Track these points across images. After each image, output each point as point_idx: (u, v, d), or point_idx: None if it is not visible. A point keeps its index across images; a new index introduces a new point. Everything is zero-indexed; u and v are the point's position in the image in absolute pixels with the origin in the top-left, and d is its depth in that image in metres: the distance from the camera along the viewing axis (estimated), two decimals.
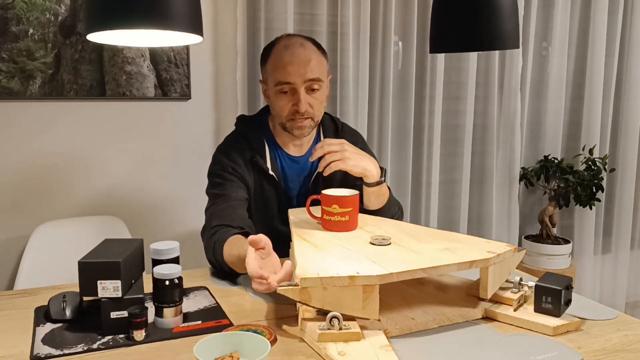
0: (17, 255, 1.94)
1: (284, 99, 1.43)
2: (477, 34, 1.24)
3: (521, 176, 2.73)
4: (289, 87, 1.42)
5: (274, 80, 1.43)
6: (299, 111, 1.42)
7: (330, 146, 1.34)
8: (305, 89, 1.42)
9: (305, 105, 1.42)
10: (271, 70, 1.45)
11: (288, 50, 1.42)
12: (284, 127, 1.47)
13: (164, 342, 0.98)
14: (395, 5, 2.31)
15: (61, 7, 1.89)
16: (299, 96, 1.41)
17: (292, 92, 1.43)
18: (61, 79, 1.92)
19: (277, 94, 1.44)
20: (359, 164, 1.35)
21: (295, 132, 1.46)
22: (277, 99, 1.44)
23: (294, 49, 1.42)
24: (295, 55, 1.41)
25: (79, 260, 1.00)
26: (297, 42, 1.44)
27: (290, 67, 1.40)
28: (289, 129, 1.47)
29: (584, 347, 0.97)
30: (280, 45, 1.45)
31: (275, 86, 1.43)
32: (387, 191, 1.45)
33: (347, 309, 0.96)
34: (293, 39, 1.45)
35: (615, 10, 2.75)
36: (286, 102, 1.43)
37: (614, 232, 3.00)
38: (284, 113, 1.45)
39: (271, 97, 1.47)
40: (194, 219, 2.15)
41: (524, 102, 2.68)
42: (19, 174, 1.94)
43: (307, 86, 1.42)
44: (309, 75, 1.41)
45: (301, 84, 1.41)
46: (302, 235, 1.20)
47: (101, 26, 0.91)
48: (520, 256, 1.16)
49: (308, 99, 1.43)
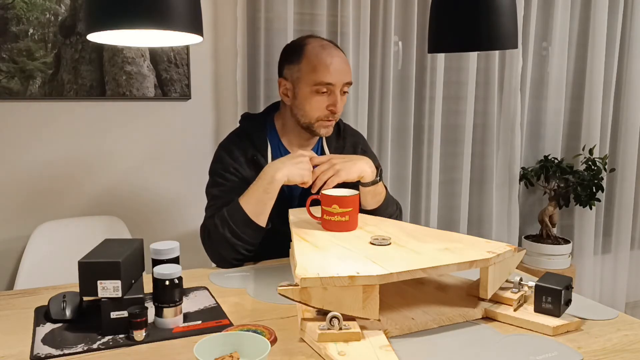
0: (17, 255, 1.94)
1: (320, 99, 1.44)
2: (476, 34, 1.24)
3: (521, 176, 2.73)
4: (327, 88, 1.43)
5: (312, 80, 1.43)
6: (335, 112, 1.44)
7: (319, 168, 1.35)
8: (340, 91, 1.45)
9: (341, 107, 1.46)
10: (308, 70, 1.43)
11: (326, 50, 1.43)
12: (309, 126, 1.47)
13: (164, 342, 0.98)
14: (395, 5, 2.31)
15: (61, 7, 1.89)
16: (336, 97, 1.44)
17: (328, 93, 1.44)
18: (61, 79, 1.92)
19: (312, 93, 1.44)
20: (352, 170, 1.36)
21: (323, 131, 1.48)
22: (312, 99, 1.44)
23: (332, 51, 1.44)
24: (335, 57, 1.43)
25: (79, 260, 1.00)
26: (331, 45, 1.46)
27: (332, 68, 1.41)
28: (316, 128, 1.47)
29: (584, 347, 0.97)
30: (315, 45, 1.45)
31: (314, 86, 1.43)
32: (383, 190, 1.45)
33: (347, 309, 0.96)
34: (324, 41, 1.47)
35: (615, 10, 2.75)
36: (322, 103, 1.44)
37: (614, 232, 3.00)
38: (316, 113, 1.45)
39: (302, 96, 1.46)
40: (194, 219, 2.15)
41: (524, 102, 2.68)
42: (19, 174, 1.94)
43: (342, 88, 1.45)
44: (348, 78, 1.45)
45: (339, 86, 1.43)
46: (302, 235, 1.20)
47: (101, 26, 0.91)
48: (520, 256, 1.16)
49: (340, 101, 1.46)
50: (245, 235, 1.35)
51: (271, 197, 1.34)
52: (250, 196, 1.35)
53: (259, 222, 1.35)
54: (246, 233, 1.35)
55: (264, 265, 1.41)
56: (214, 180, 1.48)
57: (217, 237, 1.36)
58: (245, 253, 1.37)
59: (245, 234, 1.35)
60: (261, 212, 1.35)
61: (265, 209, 1.35)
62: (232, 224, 1.34)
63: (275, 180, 1.32)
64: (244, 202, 1.35)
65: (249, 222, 1.34)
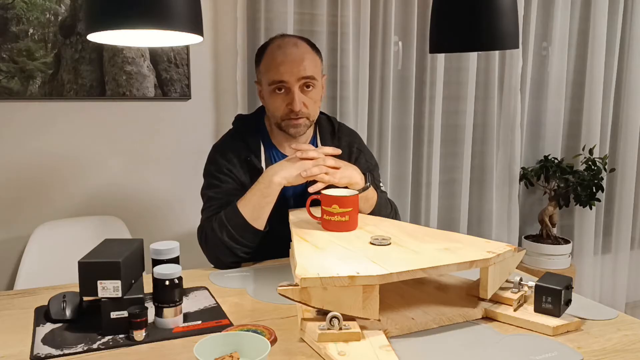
0: (17, 255, 1.94)
1: (278, 98, 1.43)
2: (477, 34, 1.24)
3: (521, 176, 2.73)
4: (282, 86, 1.42)
5: (268, 79, 1.43)
6: (294, 110, 1.42)
7: (312, 170, 1.33)
8: (299, 88, 1.42)
9: (300, 104, 1.41)
10: (265, 70, 1.44)
11: (281, 49, 1.42)
12: (280, 126, 1.47)
13: (164, 342, 0.98)
14: (395, 5, 2.31)
15: (61, 7, 1.89)
16: (293, 95, 1.41)
17: (286, 92, 1.42)
18: (61, 79, 1.92)
19: (271, 93, 1.44)
20: (344, 174, 1.36)
21: (291, 130, 1.46)
22: (272, 99, 1.44)
23: (287, 48, 1.42)
24: (288, 54, 1.41)
25: (79, 260, 0.99)
26: (290, 42, 1.44)
27: (283, 66, 1.40)
28: (284, 128, 1.46)
29: (584, 347, 0.97)
30: (273, 45, 1.45)
31: (269, 85, 1.43)
32: (374, 195, 1.44)
33: (347, 309, 0.96)
34: (286, 39, 1.45)
35: (615, 10, 2.75)
36: (280, 102, 1.43)
37: (614, 232, 3.00)
38: (278, 113, 1.44)
39: (265, 97, 1.47)
40: (194, 219, 2.15)
41: (524, 102, 2.68)
42: (19, 174, 1.94)
43: (301, 85, 1.42)
44: (302, 73, 1.41)
45: (295, 82, 1.41)
46: (302, 235, 1.20)
47: (101, 26, 0.91)
48: (520, 256, 1.16)
49: (302, 98, 1.42)
50: (243, 239, 1.34)
51: (269, 201, 1.34)
52: (248, 200, 1.35)
53: (257, 225, 1.35)
54: (244, 237, 1.34)
55: (264, 265, 1.41)
56: (209, 182, 1.48)
57: (215, 240, 1.36)
58: (243, 256, 1.37)
59: (243, 238, 1.34)
60: (259, 216, 1.34)
61: (263, 213, 1.35)
62: (230, 228, 1.34)
63: (273, 183, 1.32)
64: (241, 206, 1.35)
65: (247, 226, 1.34)
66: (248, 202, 1.35)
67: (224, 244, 1.34)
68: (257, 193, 1.34)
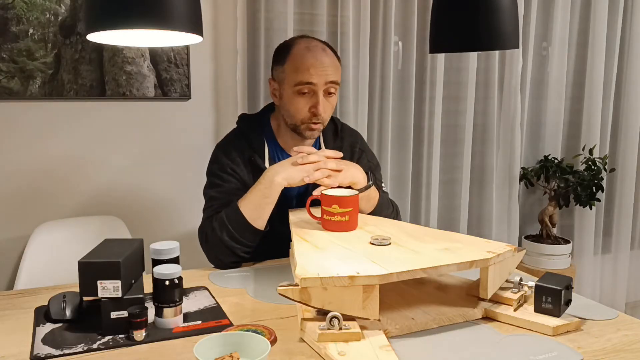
0: (17, 255, 1.94)
1: (301, 100, 1.43)
2: (477, 34, 1.24)
3: (521, 176, 2.73)
4: (309, 88, 1.42)
5: (294, 80, 1.42)
6: (317, 114, 1.42)
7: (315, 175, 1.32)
8: (323, 92, 1.43)
9: (323, 108, 1.42)
10: (291, 70, 1.43)
11: (310, 52, 1.42)
12: (296, 128, 1.47)
13: (164, 342, 0.98)
14: (395, 5, 2.30)
15: (61, 7, 1.89)
16: (317, 98, 1.42)
17: (310, 94, 1.42)
18: (61, 79, 1.92)
19: (294, 94, 1.43)
20: (347, 175, 1.36)
21: (308, 133, 1.46)
22: (294, 100, 1.43)
23: (317, 52, 1.42)
24: (318, 57, 1.41)
25: (79, 260, 0.99)
26: (318, 46, 1.45)
27: (313, 68, 1.40)
28: (301, 130, 1.46)
29: (584, 347, 0.97)
30: (300, 46, 1.44)
31: (295, 86, 1.42)
32: (376, 194, 1.45)
33: (347, 309, 0.96)
34: (314, 42, 1.46)
35: (615, 10, 2.75)
36: (304, 104, 1.43)
37: (614, 232, 3.00)
38: (300, 115, 1.44)
39: (286, 98, 1.46)
40: (194, 219, 2.15)
41: (524, 102, 2.68)
42: (19, 174, 1.94)
43: (326, 89, 1.43)
44: (331, 77, 1.42)
45: (322, 86, 1.42)
46: (302, 235, 1.20)
47: (101, 26, 0.91)
48: (520, 256, 1.16)
49: (324, 103, 1.43)
50: (243, 239, 1.35)
51: (270, 201, 1.34)
52: (249, 200, 1.35)
53: (258, 225, 1.35)
54: (245, 237, 1.34)
55: (264, 265, 1.41)
56: (212, 181, 1.48)
57: (215, 240, 1.36)
58: (243, 255, 1.38)
59: (243, 238, 1.34)
60: (260, 216, 1.34)
61: (263, 213, 1.35)
62: (230, 228, 1.34)
63: (274, 184, 1.32)
64: (242, 206, 1.35)
65: (247, 226, 1.34)
66: (249, 201, 1.35)
67: (224, 243, 1.34)
68: (257, 193, 1.34)
